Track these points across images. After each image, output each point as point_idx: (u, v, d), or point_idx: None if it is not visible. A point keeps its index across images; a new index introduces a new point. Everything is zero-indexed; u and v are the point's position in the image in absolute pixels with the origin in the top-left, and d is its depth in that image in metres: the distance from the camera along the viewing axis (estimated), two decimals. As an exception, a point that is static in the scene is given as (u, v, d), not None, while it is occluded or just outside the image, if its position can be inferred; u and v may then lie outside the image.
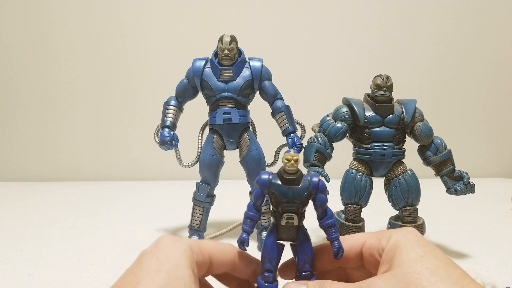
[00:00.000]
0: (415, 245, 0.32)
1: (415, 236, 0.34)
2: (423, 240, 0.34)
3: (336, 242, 0.38)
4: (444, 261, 0.31)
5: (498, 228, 0.89)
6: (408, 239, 0.33)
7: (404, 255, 0.32)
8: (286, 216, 0.37)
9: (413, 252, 0.32)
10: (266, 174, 0.38)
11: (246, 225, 0.38)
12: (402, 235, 0.34)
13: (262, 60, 0.75)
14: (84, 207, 1.10)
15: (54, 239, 0.81)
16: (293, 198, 0.37)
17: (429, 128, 0.69)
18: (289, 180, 0.37)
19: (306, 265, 0.38)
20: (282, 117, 0.75)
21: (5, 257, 0.71)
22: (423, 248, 0.32)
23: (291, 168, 0.37)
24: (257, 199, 0.38)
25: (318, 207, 0.39)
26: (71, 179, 1.56)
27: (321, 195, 0.38)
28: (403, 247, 0.33)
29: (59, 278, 0.62)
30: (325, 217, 0.39)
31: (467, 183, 0.69)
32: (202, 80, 0.74)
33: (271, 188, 0.38)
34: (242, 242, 0.37)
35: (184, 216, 0.84)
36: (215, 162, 0.76)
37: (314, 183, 0.38)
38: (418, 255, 0.31)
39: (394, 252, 0.33)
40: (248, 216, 0.38)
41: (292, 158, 0.37)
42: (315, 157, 0.68)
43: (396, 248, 0.33)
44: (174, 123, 0.76)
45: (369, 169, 0.69)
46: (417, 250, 0.32)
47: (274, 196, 0.37)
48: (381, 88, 0.67)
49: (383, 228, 0.74)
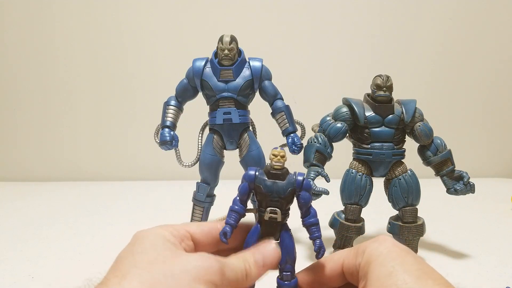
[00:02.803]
0: (385, 259, 0.32)
1: (386, 247, 0.33)
2: (395, 250, 0.33)
3: (318, 241, 0.39)
4: (414, 274, 0.30)
5: (498, 228, 0.89)
6: (379, 252, 0.33)
7: (375, 272, 0.32)
8: (269, 210, 0.38)
9: (382, 268, 0.32)
10: (253, 170, 0.39)
11: (231, 218, 0.38)
12: (374, 248, 0.34)
13: (262, 60, 0.75)
14: (84, 207, 1.10)
15: (54, 239, 0.81)
16: (277, 192, 0.38)
17: (429, 128, 0.69)
18: (275, 175, 0.38)
19: (288, 265, 0.39)
20: (282, 117, 0.75)
21: (5, 257, 0.71)
22: (392, 262, 0.32)
23: (278, 164, 0.38)
24: (243, 194, 0.39)
25: (301, 205, 0.39)
26: (71, 179, 1.56)
27: (305, 193, 0.39)
28: (374, 263, 0.33)
29: (59, 278, 0.62)
30: (308, 215, 0.39)
31: (467, 183, 0.69)
32: (202, 80, 0.74)
33: (256, 182, 0.38)
34: (225, 234, 0.37)
35: (184, 216, 0.84)
36: (215, 162, 0.76)
37: (299, 181, 0.38)
38: (387, 271, 0.31)
39: (367, 268, 0.33)
40: (233, 210, 0.39)
41: (278, 154, 0.38)
42: (315, 157, 0.68)
43: (369, 264, 0.33)
44: (174, 123, 0.76)
45: (369, 169, 0.69)
46: (387, 265, 0.32)
47: (259, 189, 0.38)
48: (381, 88, 0.67)
49: (383, 228, 0.74)
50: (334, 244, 0.71)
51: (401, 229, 0.68)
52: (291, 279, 0.39)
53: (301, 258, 0.47)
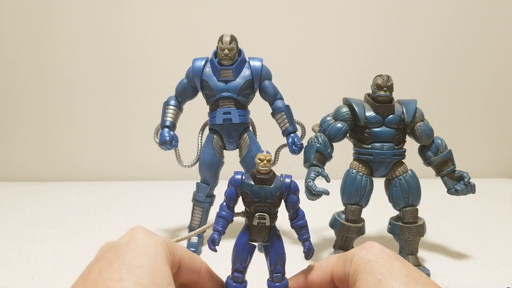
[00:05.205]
0: (373, 267, 0.32)
1: (374, 254, 0.33)
2: (382, 257, 0.33)
3: (307, 243, 0.38)
4: (402, 280, 0.30)
5: (498, 228, 0.89)
6: (367, 260, 0.33)
7: (363, 280, 0.32)
8: (258, 216, 0.38)
9: (371, 276, 0.31)
10: (239, 174, 0.38)
11: (218, 224, 0.38)
12: (362, 255, 0.34)
13: (262, 60, 0.75)
14: (84, 207, 1.10)
15: (54, 240, 0.81)
16: (265, 197, 0.37)
17: (430, 128, 0.69)
18: (262, 179, 0.37)
19: (278, 266, 0.38)
20: (282, 117, 0.75)
21: (5, 257, 0.71)
22: (380, 269, 0.31)
23: (264, 168, 0.37)
24: (230, 199, 0.39)
25: (289, 207, 0.39)
26: (71, 179, 1.56)
27: (293, 196, 0.38)
28: (362, 271, 0.32)
29: (59, 278, 0.62)
30: (296, 217, 0.39)
31: (468, 183, 0.69)
32: (202, 80, 0.74)
33: (243, 188, 0.38)
34: (213, 241, 0.37)
35: (184, 216, 0.84)
36: (215, 162, 0.76)
37: (286, 184, 0.38)
38: (376, 279, 0.31)
39: (356, 277, 0.33)
40: (220, 216, 0.38)
41: (264, 158, 0.37)
42: (315, 157, 0.67)
43: (357, 273, 0.33)
44: (174, 123, 0.76)
45: (369, 169, 0.69)
46: (375, 273, 0.31)
47: (247, 195, 0.38)
48: (381, 88, 0.67)
49: (383, 228, 0.74)
50: (334, 244, 0.70)
51: (401, 229, 0.67)
52: (282, 280, 0.38)
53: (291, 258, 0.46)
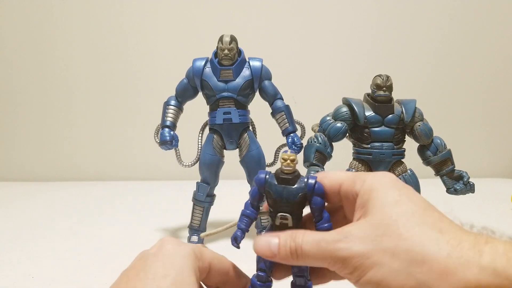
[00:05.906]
0: (390, 188, 0.30)
1: (390, 178, 0.31)
2: (399, 182, 0.31)
3: None
4: (421, 205, 0.29)
5: (498, 228, 0.89)
6: (383, 182, 0.31)
7: (379, 200, 0.29)
8: (280, 216, 0.37)
9: (388, 195, 0.29)
10: (264, 173, 0.38)
11: (242, 222, 0.38)
12: (378, 178, 0.32)
13: (262, 60, 0.75)
14: (84, 207, 1.10)
15: (54, 239, 0.81)
16: (287, 198, 0.37)
17: (429, 128, 0.69)
18: (284, 179, 0.37)
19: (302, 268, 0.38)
20: (282, 117, 0.75)
21: (5, 257, 0.71)
22: (398, 191, 0.30)
23: (287, 168, 0.37)
24: (254, 198, 0.38)
25: (313, 210, 0.38)
26: (71, 179, 1.56)
27: (316, 197, 0.37)
28: (378, 191, 0.30)
29: (59, 278, 0.62)
30: (320, 220, 0.38)
31: (467, 182, 0.69)
32: (202, 80, 0.74)
33: (266, 187, 0.37)
34: (235, 238, 0.37)
35: (184, 216, 0.84)
36: (215, 162, 0.76)
37: (310, 185, 0.36)
38: (393, 199, 0.29)
39: (369, 196, 0.31)
40: (244, 214, 0.38)
41: (288, 158, 0.37)
42: (315, 157, 0.68)
43: (371, 192, 0.31)
44: (174, 123, 0.77)
45: (369, 169, 0.69)
46: (393, 193, 0.29)
47: (269, 195, 0.37)
48: (381, 88, 0.67)
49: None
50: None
51: (401, 229, 0.67)
52: (304, 284, 0.37)
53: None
